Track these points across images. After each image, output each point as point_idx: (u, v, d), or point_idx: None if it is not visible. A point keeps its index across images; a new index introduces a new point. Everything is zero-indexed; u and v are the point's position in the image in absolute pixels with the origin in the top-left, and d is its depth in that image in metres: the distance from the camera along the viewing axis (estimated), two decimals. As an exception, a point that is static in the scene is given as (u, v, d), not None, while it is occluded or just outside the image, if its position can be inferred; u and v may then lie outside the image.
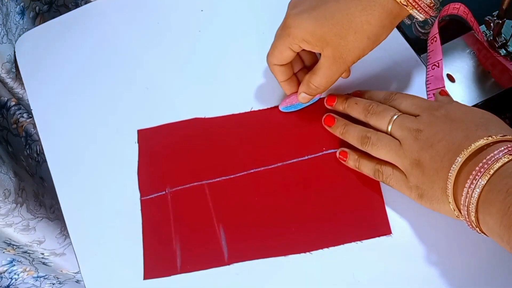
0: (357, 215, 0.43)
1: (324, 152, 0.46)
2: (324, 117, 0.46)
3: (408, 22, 0.51)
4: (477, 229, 0.35)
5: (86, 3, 0.62)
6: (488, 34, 0.49)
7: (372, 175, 0.43)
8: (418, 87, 0.48)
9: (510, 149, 0.33)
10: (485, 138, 0.35)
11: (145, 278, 0.43)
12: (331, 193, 0.44)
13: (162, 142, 0.49)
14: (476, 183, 0.33)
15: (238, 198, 0.45)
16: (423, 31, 0.51)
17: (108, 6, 0.57)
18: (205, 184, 0.46)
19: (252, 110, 0.49)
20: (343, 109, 0.45)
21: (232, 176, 0.46)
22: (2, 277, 0.66)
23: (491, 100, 0.47)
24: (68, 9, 0.64)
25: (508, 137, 0.35)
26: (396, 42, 0.51)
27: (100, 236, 0.46)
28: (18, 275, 0.67)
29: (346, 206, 0.42)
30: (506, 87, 0.47)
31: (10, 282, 0.67)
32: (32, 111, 0.52)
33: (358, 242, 0.43)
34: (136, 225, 0.45)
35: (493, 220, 0.32)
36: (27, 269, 0.68)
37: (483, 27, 0.49)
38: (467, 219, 0.35)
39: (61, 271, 0.71)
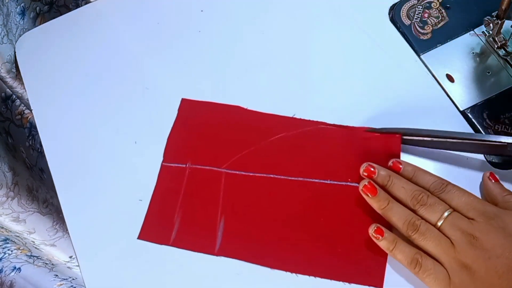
0: (356, 257, 0.41)
1: (348, 183, 0.44)
2: (363, 184, 0.42)
3: (408, 22, 0.51)
4: None
5: (86, 3, 0.62)
6: (488, 35, 0.49)
7: (406, 263, 0.39)
8: (417, 87, 0.48)
9: None
10: None
11: (139, 237, 0.45)
12: (339, 226, 0.43)
13: (200, 118, 0.49)
14: None
15: (248, 197, 0.45)
16: (422, 31, 0.51)
17: (108, 7, 0.58)
18: (223, 172, 0.46)
19: (295, 116, 0.48)
20: (384, 185, 0.42)
21: (250, 174, 0.46)
22: (-5, 251, 0.66)
23: (491, 100, 0.47)
24: (68, 10, 0.64)
25: None
26: (396, 42, 0.51)
27: (97, 228, 0.46)
28: (11, 251, 0.68)
29: (348, 243, 0.41)
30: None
31: (3, 256, 0.67)
32: (33, 111, 0.52)
33: (346, 283, 0.41)
34: (135, 222, 0.46)
35: None
36: (20, 248, 0.68)
37: (482, 27, 0.49)
38: None
39: (53, 257, 0.72)
